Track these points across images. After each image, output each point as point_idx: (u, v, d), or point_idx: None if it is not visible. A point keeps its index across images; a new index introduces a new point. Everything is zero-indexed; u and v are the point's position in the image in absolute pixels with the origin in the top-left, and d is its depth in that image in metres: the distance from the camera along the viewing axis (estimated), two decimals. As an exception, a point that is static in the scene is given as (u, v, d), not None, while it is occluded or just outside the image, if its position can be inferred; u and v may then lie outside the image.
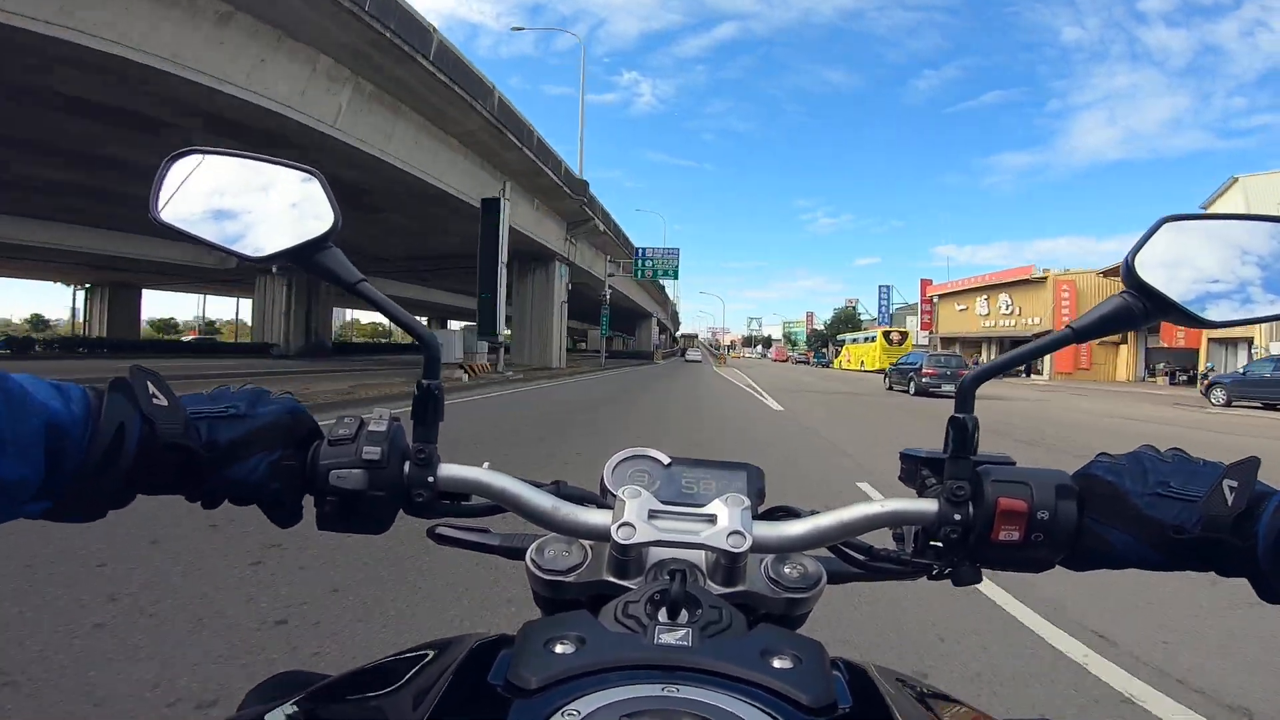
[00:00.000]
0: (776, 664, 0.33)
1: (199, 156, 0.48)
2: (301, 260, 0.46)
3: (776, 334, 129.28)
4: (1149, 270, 0.42)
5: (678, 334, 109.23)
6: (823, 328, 73.80)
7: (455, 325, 46.30)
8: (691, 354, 73.32)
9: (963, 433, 0.44)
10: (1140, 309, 0.42)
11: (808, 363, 64.22)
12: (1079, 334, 0.44)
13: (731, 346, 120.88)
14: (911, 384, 18.81)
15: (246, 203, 0.48)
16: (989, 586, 2.84)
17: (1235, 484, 0.38)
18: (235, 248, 0.47)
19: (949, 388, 17.53)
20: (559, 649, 0.34)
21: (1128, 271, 0.42)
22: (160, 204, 0.47)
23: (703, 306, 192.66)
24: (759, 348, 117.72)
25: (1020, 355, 0.48)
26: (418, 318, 0.51)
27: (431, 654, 0.43)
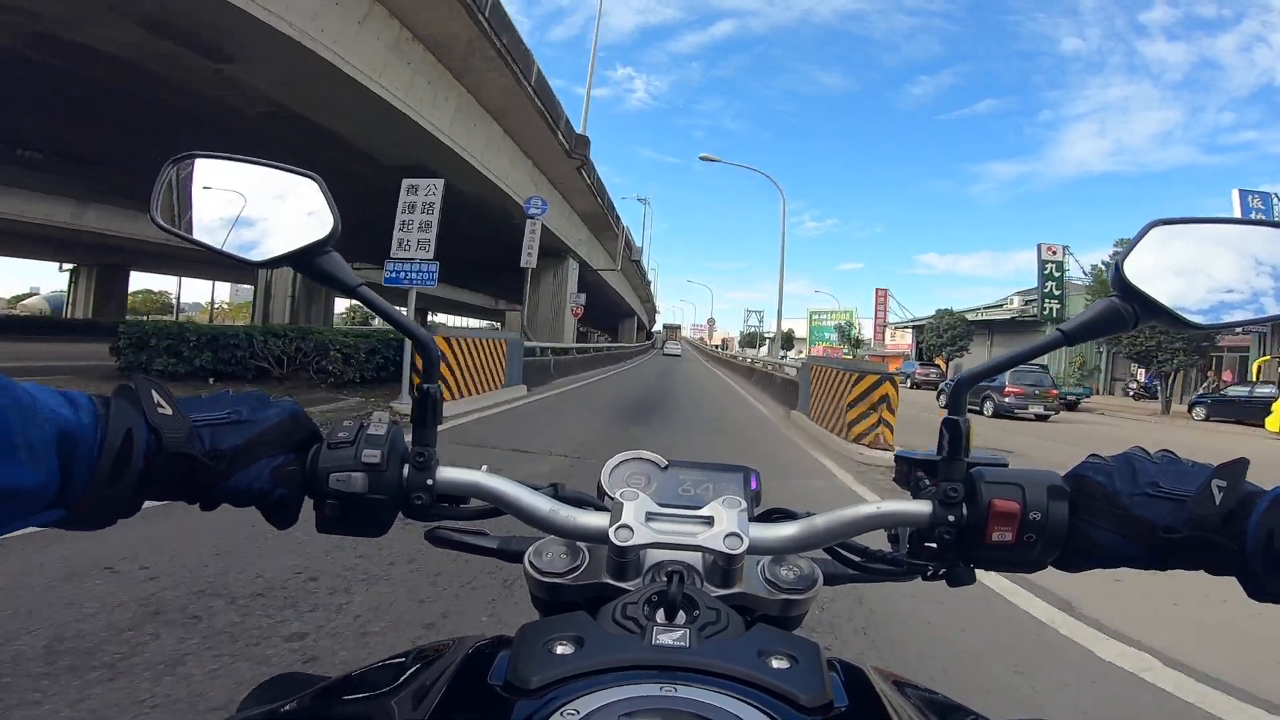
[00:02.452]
0: (774, 664, 0.33)
1: (199, 160, 0.48)
2: (301, 264, 0.46)
3: (799, 330, 76.65)
4: (1138, 274, 0.42)
5: (653, 329, 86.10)
6: (1022, 303, 33.11)
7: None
8: (671, 346, 58.89)
9: (956, 434, 0.44)
10: (1130, 313, 0.42)
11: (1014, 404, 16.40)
12: (1069, 337, 0.44)
13: (723, 345, 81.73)
14: (987, 404, 15.48)
15: (246, 207, 0.48)
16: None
17: (1224, 484, 0.39)
18: (235, 252, 0.47)
19: (1036, 409, 15.34)
20: (558, 650, 0.34)
21: (1117, 276, 0.42)
22: (159, 207, 0.47)
23: (676, 305, 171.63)
24: (763, 349, 69.47)
25: (1013, 358, 0.48)
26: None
27: (430, 655, 0.43)
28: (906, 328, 49.06)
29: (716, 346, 77.14)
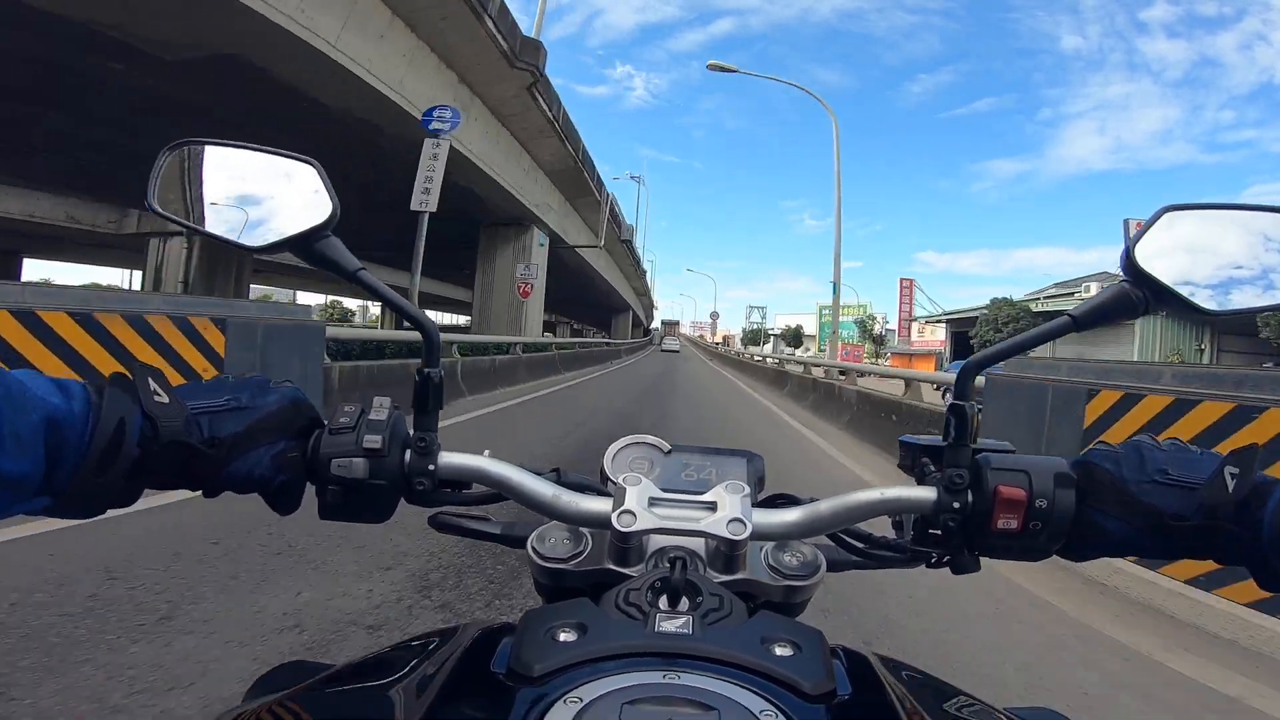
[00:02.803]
0: (777, 651, 0.33)
1: (196, 147, 0.48)
2: (301, 249, 0.46)
3: (808, 326, 74.99)
4: (1149, 260, 0.42)
5: (650, 326, 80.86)
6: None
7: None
8: (669, 342, 53.72)
9: (962, 420, 0.44)
10: (1140, 299, 0.42)
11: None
12: (1078, 322, 0.44)
13: (724, 343, 74.15)
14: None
15: (244, 193, 0.48)
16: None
17: (1236, 470, 0.38)
18: (234, 238, 0.48)
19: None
20: (561, 637, 0.34)
21: (1128, 261, 0.42)
22: (156, 195, 0.47)
23: (674, 301, 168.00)
24: (767, 346, 65.51)
25: (1021, 342, 0.48)
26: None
27: (434, 643, 0.43)
28: (938, 322, 41.48)
29: (718, 344, 64.81)
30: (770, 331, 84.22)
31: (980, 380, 5.14)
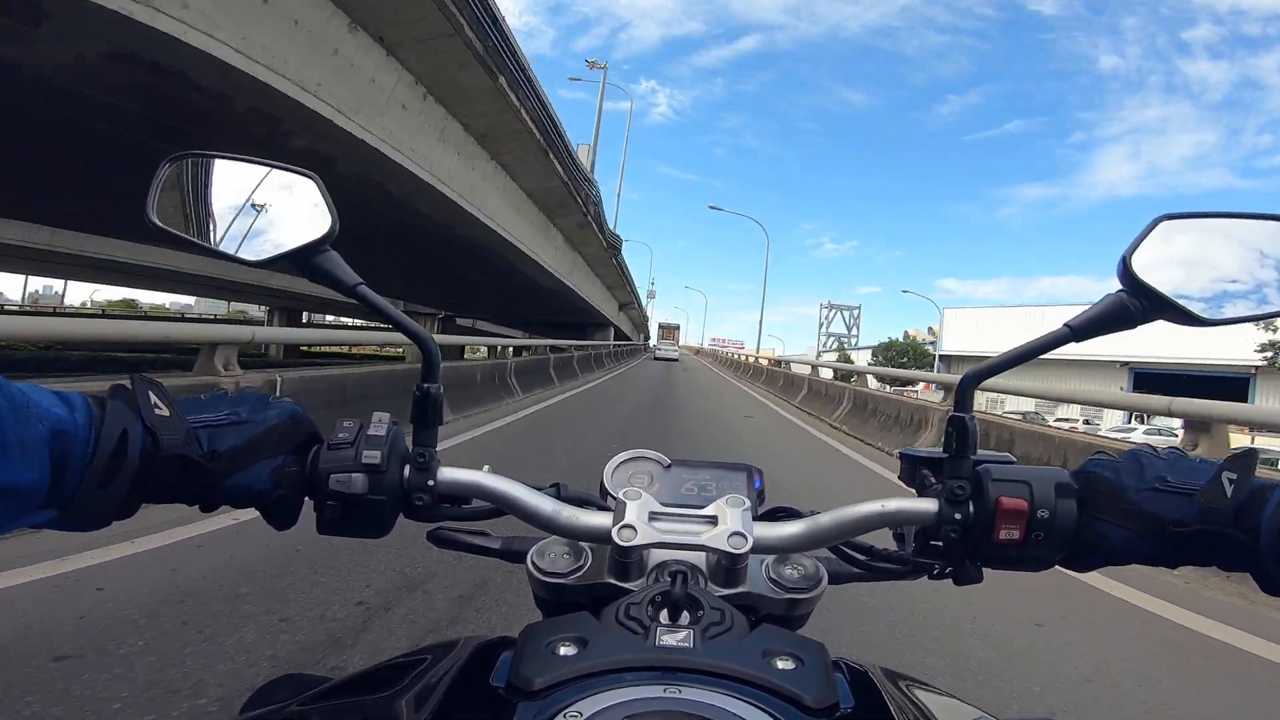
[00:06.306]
0: (779, 665, 0.33)
1: (195, 160, 0.48)
2: (299, 264, 0.46)
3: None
4: (1145, 268, 0.42)
5: (647, 332, 65.51)
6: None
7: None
8: (666, 349, 46.92)
9: (963, 432, 0.44)
10: (1136, 308, 0.42)
11: None
12: (1076, 333, 0.44)
13: (781, 363, 24.02)
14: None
15: (244, 206, 0.48)
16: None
17: (1234, 476, 0.38)
18: (232, 252, 0.47)
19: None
20: (561, 651, 0.34)
21: (1124, 270, 0.42)
22: (155, 208, 0.47)
23: (668, 312, 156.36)
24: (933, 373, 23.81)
25: (1020, 354, 0.47)
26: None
27: (432, 656, 0.43)
28: None
29: (776, 363, 26.83)
30: (931, 348, 44.17)
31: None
